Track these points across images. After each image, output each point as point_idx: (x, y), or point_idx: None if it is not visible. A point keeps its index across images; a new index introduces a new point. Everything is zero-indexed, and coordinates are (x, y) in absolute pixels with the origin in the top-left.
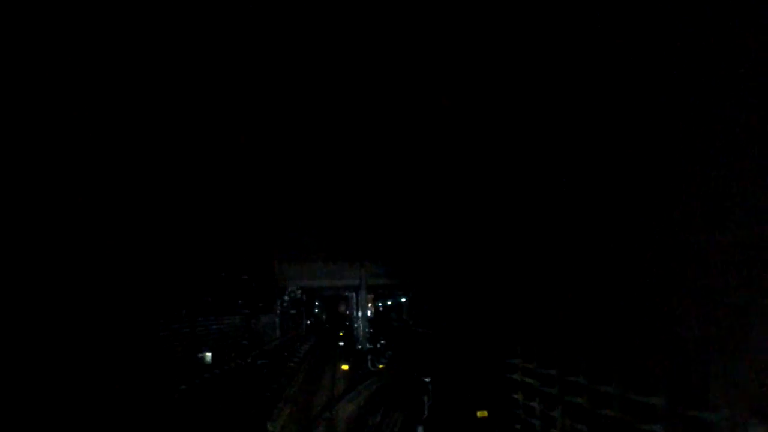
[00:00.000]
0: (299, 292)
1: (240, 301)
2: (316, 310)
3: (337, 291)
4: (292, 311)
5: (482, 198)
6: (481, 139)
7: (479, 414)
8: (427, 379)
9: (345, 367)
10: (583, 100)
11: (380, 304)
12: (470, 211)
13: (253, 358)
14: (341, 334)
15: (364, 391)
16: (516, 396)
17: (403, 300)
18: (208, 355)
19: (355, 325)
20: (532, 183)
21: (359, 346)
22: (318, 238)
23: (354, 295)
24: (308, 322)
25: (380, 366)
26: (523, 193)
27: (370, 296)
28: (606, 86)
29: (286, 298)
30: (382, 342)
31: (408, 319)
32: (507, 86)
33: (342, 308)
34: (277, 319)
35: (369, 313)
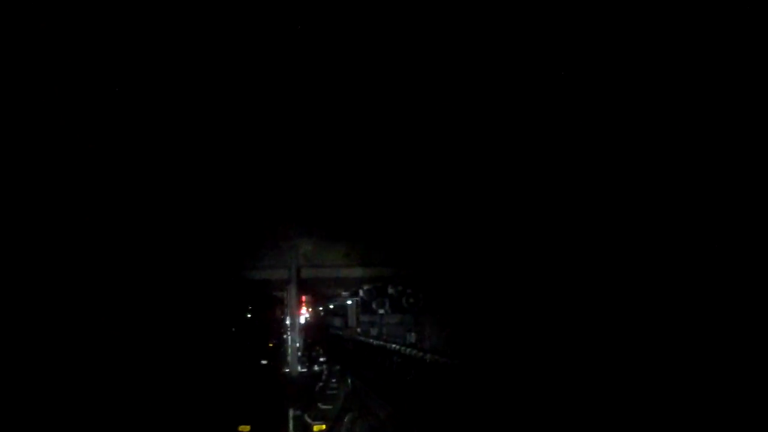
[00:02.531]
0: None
1: None
2: (249, 315)
3: (270, 287)
4: (200, 315)
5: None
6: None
7: None
8: None
9: (245, 429)
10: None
11: (321, 309)
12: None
13: None
14: (270, 345)
15: None
16: None
17: (349, 303)
18: None
19: (285, 336)
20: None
21: (287, 369)
22: (229, 202)
23: (285, 293)
24: (233, 330)
25: (317, 428)
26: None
27: (306, 297)
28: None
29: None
30: (321, 361)
31: (356, 326)
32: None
33: (278, 312)
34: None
35: (303, 320)
